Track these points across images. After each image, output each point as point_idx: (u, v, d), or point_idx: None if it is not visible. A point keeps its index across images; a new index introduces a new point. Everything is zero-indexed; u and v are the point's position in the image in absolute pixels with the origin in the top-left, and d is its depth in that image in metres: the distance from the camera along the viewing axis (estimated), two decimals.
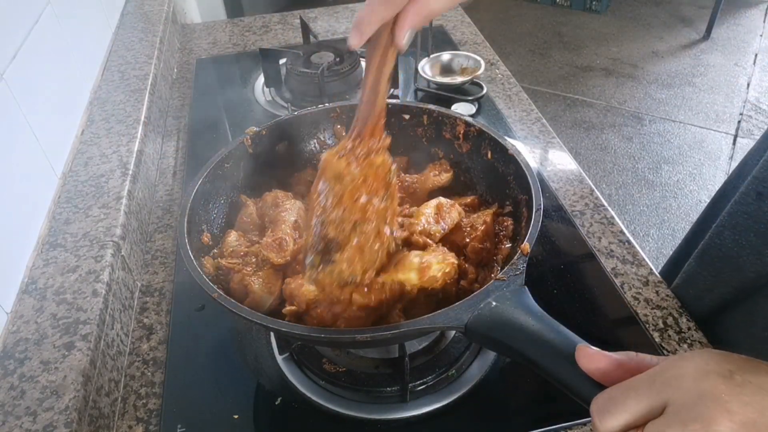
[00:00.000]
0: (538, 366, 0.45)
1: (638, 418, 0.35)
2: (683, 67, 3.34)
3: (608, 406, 0.37)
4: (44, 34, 0.91)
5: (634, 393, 0.36)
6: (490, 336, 0.50)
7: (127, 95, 1.10)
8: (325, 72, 1.18)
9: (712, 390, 0.33)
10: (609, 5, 4.01)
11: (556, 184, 1.00)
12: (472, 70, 1.26)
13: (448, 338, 0.75)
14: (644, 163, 2.69)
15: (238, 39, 1.54)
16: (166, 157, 1.13)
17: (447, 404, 0.69)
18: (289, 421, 0.68)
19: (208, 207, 0.72)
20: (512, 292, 0.53)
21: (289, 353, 0.74)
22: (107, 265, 0.75)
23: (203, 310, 0.81)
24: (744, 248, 0.69)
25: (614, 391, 0.37)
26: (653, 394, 0.35)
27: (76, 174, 0.91)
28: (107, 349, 0.70)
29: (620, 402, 0.36)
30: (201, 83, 1.36)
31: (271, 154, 0.82)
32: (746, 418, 0.32)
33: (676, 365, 0.35)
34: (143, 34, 1.32)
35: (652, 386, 0.35)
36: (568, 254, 0.88)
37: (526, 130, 1.14)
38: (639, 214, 2.43)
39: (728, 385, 0.33)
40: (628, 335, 0.76)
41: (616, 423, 0.36)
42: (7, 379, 0.62)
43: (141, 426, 0.68)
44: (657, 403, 0.35)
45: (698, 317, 0.77)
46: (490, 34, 3.46)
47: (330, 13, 1.62)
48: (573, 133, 2.90)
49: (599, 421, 0.37)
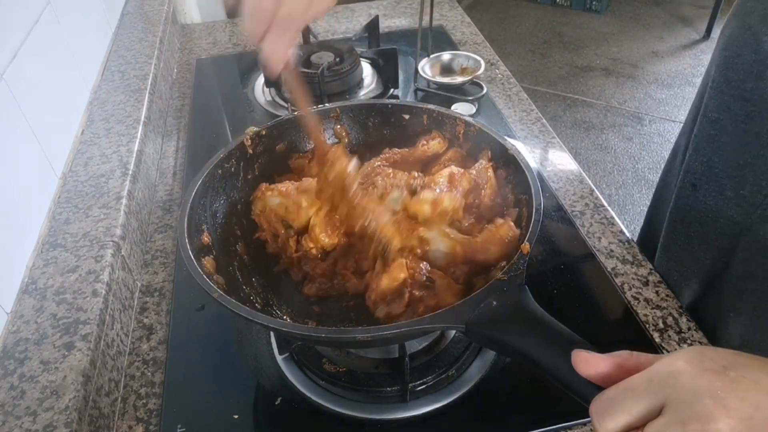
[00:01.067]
0: (538, 365, 0.45)
1: (638, 418, 0.35)
2: (683, 67, 3.34)
3: (607, 408, 0.37)
4: (44, 34, 0.91)
5: (632, 394, 0.36)
6: (491, 336, 0.50)
7: (127, 95, 1.10)
8: (325, 72, 1.18)
9: (708, 387, 0.33)
10: (609, 5, 4.01)
11: (556, 184, 1.00)
12: (472, 70, 1.26)
13: (448, 338, 0.75)
14: (644, 163, 2.69)
15: (238, 39, 1.54)
16: (166, 157, 1.13)
17: (447, 404, 0.69)
18: (289, 421, 0.68)
19: (208, 207, 0.73)
20: (512, 291, 0.53)
21: (289, 353, 0.74)
22: (107, 265, 0.75)
23: (203, 310, 0.81)
24: (693, 239, 0.72)
25: (612, 392, 0.37)
26: (651, 395, 0.35)
27: (76, 174, 0.91)
28: (107, 349, 0.70)
29: (618, 403, 0.36)
30: (201, 83, 1.36)
31: (271, 154, 0.82)
32: (744, 414, 0.32)
33: (672, 364, 0.35)
34: (143, 34, 1.32)
35: (649, 386, 0.35)
36: (568, 254, 0.88)
37: (526, 130, 1.14)
38: (639, 214, 2.43)
39: (724, 382, 0.33)
40: (628, 335, 0.76)
41: (616, 425, 0.36)
42: (7, 379, 0.62)
43: (141, 426, 0.68)
44: (656, 403, 0.35)
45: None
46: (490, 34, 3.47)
47: (330, 13, 1.62)
48: (573, 133, 2.91)
49: (599, 423, 0.37)
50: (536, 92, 3.21)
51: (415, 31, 1.32)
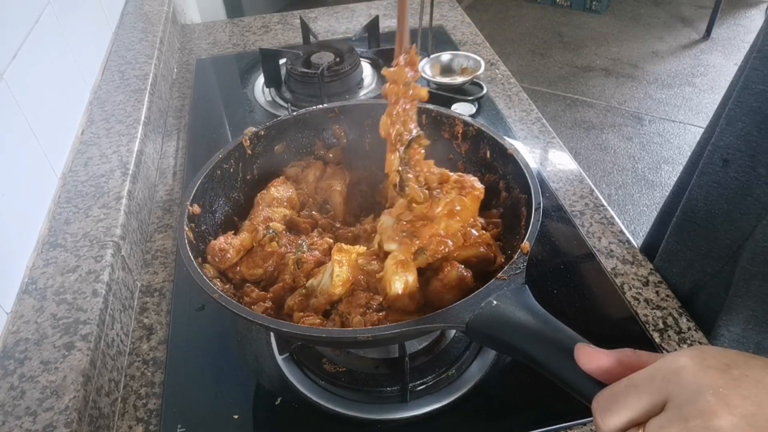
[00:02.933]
0: (539, 364, 0.45)
1: (640, 415, 0.35)
2: (683, 67, 3.34)
3: (609, 404, 0.37)
4: (44, 34, 0.91)
5: (635, 390, 0.36)
6: (492, 335, 0.50)
7: (127, 95, 1.10)
8: (325, 72, 1.18)
9: (711, 384, 0.33)
10: (609, 5, 4.01)
11: (556, 184, 1.00)
12: (472, 70, 1.26)
13: (448, 338, 0.75)
14: (644, 163, 2.69)
15: (238, 39, 1.54)
16: (166, 157, 1.13)
17: (447, 404, 0.69)
18: (289, 421, 0.68)
19: (207, 207, 0.73)
20: (513, 291, 0.53)
21: (289, 353, 0.74)
22: (107, 265, 0.75)
23: (203, 310, 0.81)
24: (716, 216, 0.71)
25: (615, 388, 0.37)
26: (654, 391, 0.35)
27: (76, 174, 0.91)
28: (107, 349, 0.70)
29: (621, 400, 0.36)
30: (201, 83, 1.36)
31: (270, 155, 0.82)
32: (746, 411, 0.32)
33: (675, 361, 0.35)
34: (143, 34, 1.32)
35: (652, 383, 0.35)
36: (568, 254, 0.88)
37: (526, 130, 1.14)
38: (639, 214, 2.43)
39: (726, 379, 0.33)
40: (628, 335, 0.76)
41: (618, 421, 0.36)
42: (7, 379, 0.62)
43: (141, 426, 0.68)
44: (658, 399, 0.35)
45: (682, 296, 0.79)
46: (490, 34, 3.47)
47: (330, 13, 1.62)
48: (573, 133, 2.90)
49: (601, 419, 0.37)
50: (536, 92, 3.20)
51: (415, 31, 1.32)
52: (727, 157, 0.68)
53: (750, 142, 0.66)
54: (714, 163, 0.70)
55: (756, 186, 0.66)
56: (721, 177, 0.69)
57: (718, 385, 0.33)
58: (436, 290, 0.62)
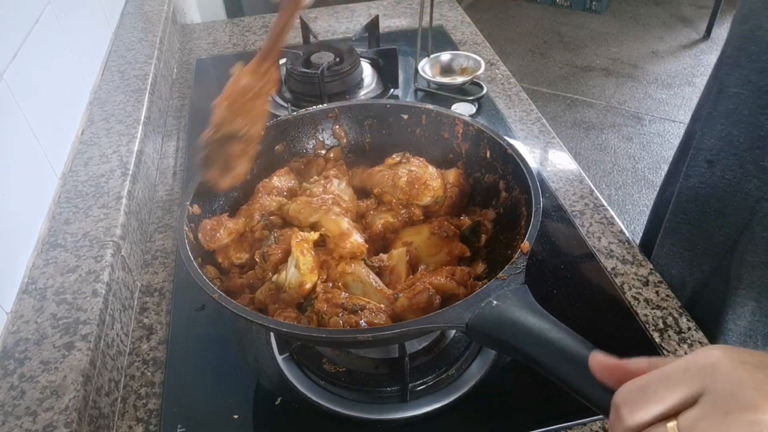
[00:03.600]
0: (539, 364, 0.45)
1: (671, 408, 0.34)
2: (683, 67, 3.34)
3: (638, 396, 0.35)
4: (44, 34, 0.91)
5: (668, 382, 0.34)
6: (492, 335, 0.50)
7: (127, 95, 1.10)
8: (325, 72, 1.18)
9: (751, 378, 0.32)
10: (609, 5, 4.01)
11: (555, 184, 1.00)
12: (472, 70, 1.26)
13: (448, 338, 0.75)
14: (644, 163, 2.69)
15: (238, 39, 1.54)
16: (166, 157, 1.13)
17: (447, 404, 0.69)
18: (289, 421, 0.68)
19: (207, 207, 0.73)
20: (513, 290, 0.53)
21: (289, 353, 0.74)
22: (107, 265, 0.75)
23: (203, 310, 0.81)
24: (708, 215, 0.73)
25: (644, 380, 0.35)
26: (688, 383, 0.34)
27: (76, 174, 0.91)
28: (107, 349, 0.70)
29: (652, 392, 0.34)
30: (201, 83, 1.36)
31: (270, 154, 0.82)
32: None
33: (709, 356, 0.34)
34: (143, 34, 1.32)
35: (686, 374, 0.34)
36: (568, 254, 0.88)
37: (526, 130, 1.14)
38: (639, 214, 2.43)
39: (765, 375, 0.32)
40: (628, 335, 0.76)
41: (648, 414, 0.34)
42: (7, 379, 0.62)
43: (141, 426, 0.68)
44: (692, 392, 0.34)
45: (685, 296, 0.80)
46: (490, 34, 3.47)
47: (330, 13, 1.62)
48: (573, 133, 2.90)
49: (628, 413, 0.35)
50: (536, 92, 3.20)
51: (415, 31, 1.32)
52: (711, 158, 0.71)
53: (732, 141, 0.68)
54: (699, 165, 0.72)
55: (745, 181, 0.67)
56: (708, 177, 0.71)
57: (757, 380, 0.32)
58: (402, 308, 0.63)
